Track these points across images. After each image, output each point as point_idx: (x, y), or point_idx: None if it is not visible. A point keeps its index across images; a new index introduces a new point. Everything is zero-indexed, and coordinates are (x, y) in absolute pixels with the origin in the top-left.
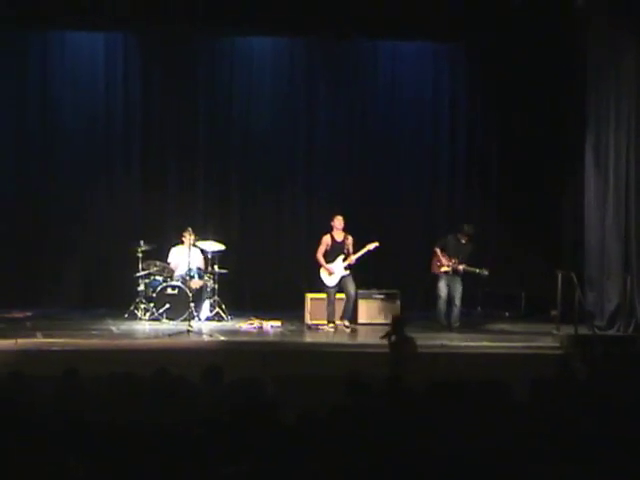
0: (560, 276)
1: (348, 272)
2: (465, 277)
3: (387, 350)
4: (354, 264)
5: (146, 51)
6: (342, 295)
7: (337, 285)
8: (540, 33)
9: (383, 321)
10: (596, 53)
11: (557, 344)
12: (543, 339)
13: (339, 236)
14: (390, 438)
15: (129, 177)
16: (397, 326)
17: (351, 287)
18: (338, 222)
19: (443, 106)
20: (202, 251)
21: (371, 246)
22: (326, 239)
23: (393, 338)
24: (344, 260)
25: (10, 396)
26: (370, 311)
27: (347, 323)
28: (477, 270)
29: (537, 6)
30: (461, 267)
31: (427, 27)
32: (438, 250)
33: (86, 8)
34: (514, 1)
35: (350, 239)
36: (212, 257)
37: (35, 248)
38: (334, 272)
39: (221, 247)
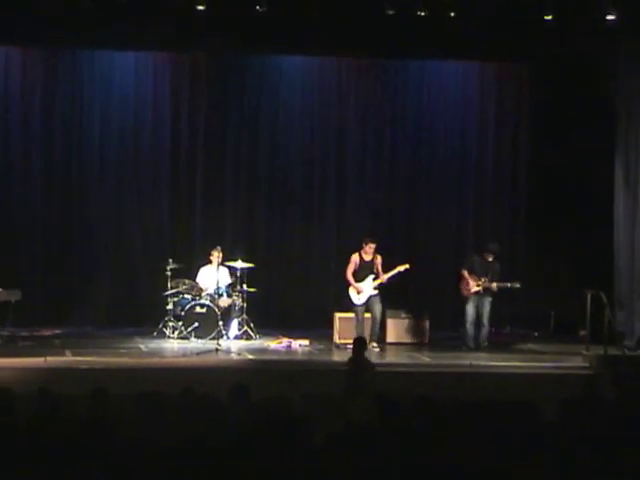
0: (589, 296)
1: (377, 292)
2: (494, 297)
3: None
4: (384, 284)
5: (175, 69)
6: (369, 315)
7: (365, 304)
8: (573, 55)
9: (411, 341)
10: (627, 71)
11: (586, 364)
12: (572, 359)
13: (368, 256)
14: (420, 458)
15: (158, 196)
16: (357, 348)
17: (377, 308)
18: (369, 248)
19: (471, 124)
20: (230, 270)
21: (402, 268)
22: (355, 258)
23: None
24: (374, 280)
25: (39, 414)
26: (398, 331)
27: (374, 344)
28: (509, 284)
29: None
30: (494, 285)
31: (456, 46)
32: (465, 272)
33: (116, 28)
34: None
35: (379, 259)
36: (241, 275)
37: (65, 266)
38: (362, 291)
39: (250, 265)
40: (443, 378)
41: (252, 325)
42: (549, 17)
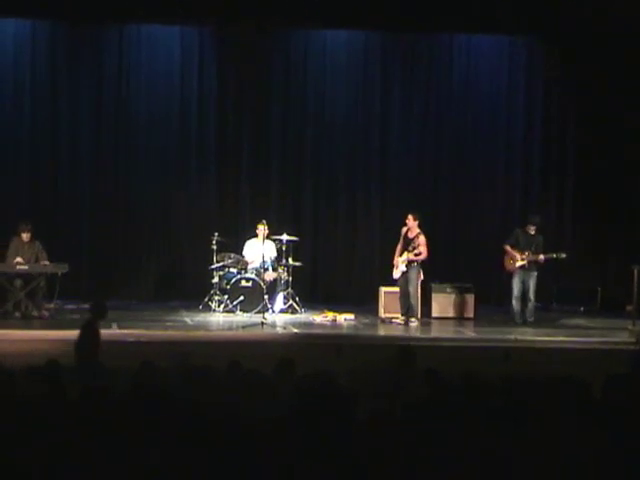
0: (636, 271)
1: (406, 269)
2: (540, 272)
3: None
4: (414, 262)
5: (222, 44)
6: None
7: (401, 279)
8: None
9: (457, 315)
10: None
11: (633, 339)
12: (619, 334)
13: (412, 233)
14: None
15: (204, 171)
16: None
17: (406, 284)
18: (407, 220)
19: (517, 100)
20: (276, 243)
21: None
22: (402, 231)
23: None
24: (406, 256)
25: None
26: (443, 305)
27: (401, 318)
28: (555, 255)
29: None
30: (542, 257)
31: (503, 20)
32: (508, 247)
33: (162, 2)
34: None
35: (421, 239)
36: (286, 249)
37: (111, 240)
38: (398, 266)
39: (295, 239)
40: (489, 353)
41: (297, 299)
42: None
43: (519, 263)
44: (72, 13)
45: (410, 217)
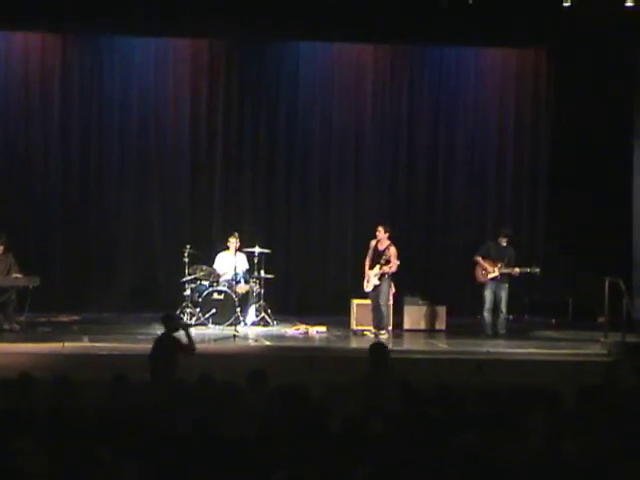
0: (607, 283)
1: (379, 282)
2: (511, 284)
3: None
4: (386, 274)
5: (194, 56)
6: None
7: (372, 292)
8: (593, 39)
9: (428, 327)
10: None
11: (604, 351)
12: (590, 346)
13: (382, 245)
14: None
15: (176, 183)
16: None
17: (378, 296)
18: (377, 232)
19: (491, 114)
20: (248, 255)
21: (394, 260)
22: (371, 244)
23: None
24: (379, 269)
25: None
26: (415, 317)
27: (373, 331)
28: (529, 269)
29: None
30: (517, 270)
31: (473, 33)
32: (480, 258)
33: (136, 14)
34: None
35: (392, 250)
36: (258, 262)
37: (83, 253)
38: (369, 279)
39: (267, 251)
40: (461, 365)
41: (269, 311)
42: (568, 3)
43: (491, 275)
44: (44, 23)
45: (380, 229)
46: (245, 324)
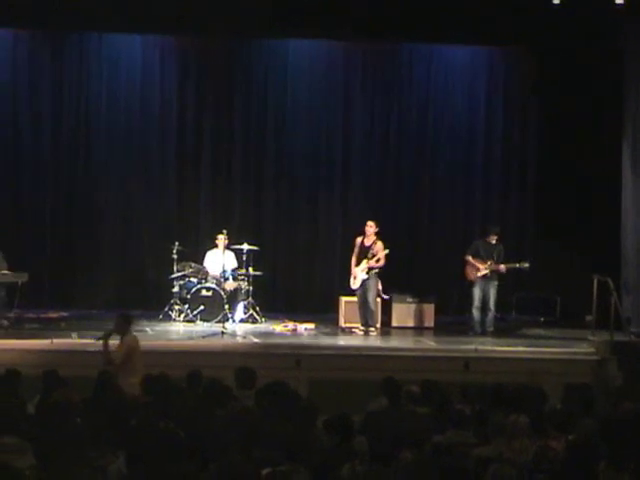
0: (596, 281)
1: (368, 276)
2: (500, 281)
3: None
4: (374, 268)
5: (182, 53)
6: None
7: (360, 289)
8: (582, 38)
9: (416, 325)
10: (634, 55)
11: (592, 350)
12: (578, 345)
13: (368, 240)
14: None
15: (164, 179)
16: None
17: (368, 293)
18: (367, 227)
19: (478, 114)
20: (236, 253)
21: (382, 254)
22: (357, 241)
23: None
24: (366, 263)
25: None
26: (403, 314)
27: (369, 329)
28: (517, 265)
29: (579, 11)
30: (502, 267)
31: (465, 32)
32: (470, 257)
33: (123, 11)
34: None
35: (378, 245)
36: (246, 259)
37: (71, 249)
38: (356, 275)
39: (255, 248)
40: (449, 362)
41: (258, 308)
42: (557, 1)
43: (482, 272)
44: (33, 21)
45: (372, 224)
46: (233, 321)
